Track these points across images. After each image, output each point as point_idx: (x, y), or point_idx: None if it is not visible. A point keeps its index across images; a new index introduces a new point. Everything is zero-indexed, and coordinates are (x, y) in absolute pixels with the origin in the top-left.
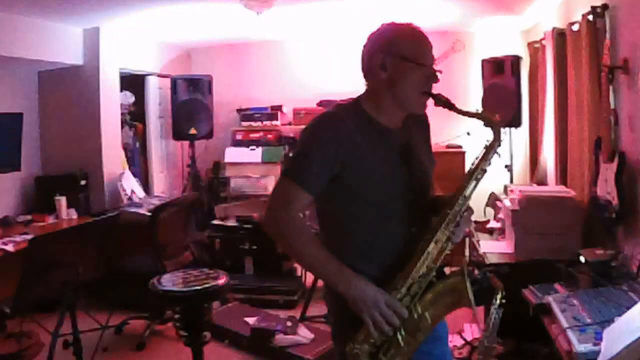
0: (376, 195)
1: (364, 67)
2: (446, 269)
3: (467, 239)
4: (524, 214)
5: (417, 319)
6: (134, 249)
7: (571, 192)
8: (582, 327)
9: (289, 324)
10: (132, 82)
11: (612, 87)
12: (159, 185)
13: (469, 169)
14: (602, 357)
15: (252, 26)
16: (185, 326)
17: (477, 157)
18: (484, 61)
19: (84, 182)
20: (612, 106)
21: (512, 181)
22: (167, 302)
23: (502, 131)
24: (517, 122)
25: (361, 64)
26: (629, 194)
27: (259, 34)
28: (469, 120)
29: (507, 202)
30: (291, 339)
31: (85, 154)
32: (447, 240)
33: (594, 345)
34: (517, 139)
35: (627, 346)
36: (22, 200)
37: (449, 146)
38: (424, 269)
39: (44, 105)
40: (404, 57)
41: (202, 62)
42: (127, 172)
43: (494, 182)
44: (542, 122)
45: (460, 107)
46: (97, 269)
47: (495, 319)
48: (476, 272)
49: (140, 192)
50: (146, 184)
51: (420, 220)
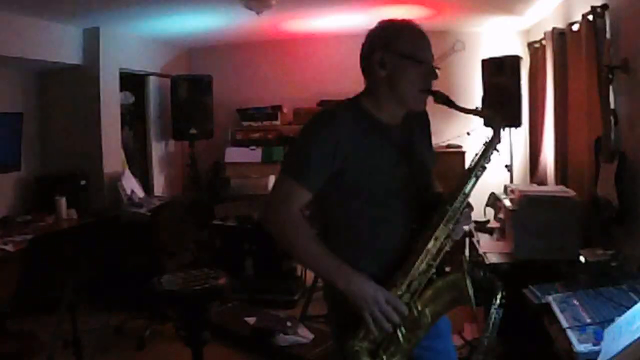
0: (376, 192)
1: (363, 64)
2: (446, 269)
3: (467, 239)
4: (524, 214)
5: (417, 315)
6: (134, 249)
7: (571, 192)
8: (582, 327)
9: (289, 324)
10: (132, 82)
11: (612, 87)
12: (159, 185)
13: (468, 166)
14: (602, 357)
15: (252, 26)
16: (185, 326)
17: (477, 154)
18: (484, 61)
19: (84, 182)
20: (612, 106)
21: (512, 181)
22: (167, 302)
23: (502, 128)
24: (517, 122)
25: (360, 61)
26: (629, 194)
27: (259, 34)
28: (468, 120)
29: (507, 202)
30: (291, 339)
31: (85, 154)
32: (447, 237)
33: (594, 345)
34: (517, 139)
35: (627, 346)
36: (22, 200)
37: (449, 146)
38: (423, 266)
39: (44, 105)
40: (402, 54)
41: (202, 62)
42: (127, 172)
43: (494, 182)
44: (542, 122)
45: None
46: (97, 269)
47: (495, 319)
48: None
49: (140, 192)
50: (146, 184)
51: (420, 217)
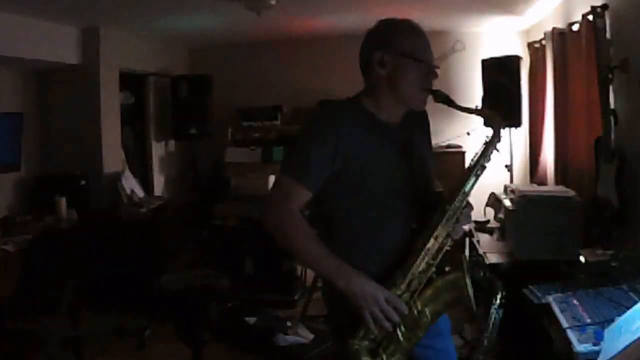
0: (376, 191)
1: (363, 64)
2: (446, 269)
3: (467, 239)
4: (524, 214)
5: (416, 315)
6: (134, 249)
7: (571, 192)
8: (582, 327)
9: (289, 324)
10: (132, 82)
11: (612, 87)
12: (159, 185)
13: (468, 165)
14: (602, 357)
15: (252, 26)
16: (185, 326)
17: (477, 153)
18: (484, 61)
19: (84, 182)
20: (612, 106)
21: (512, 181)
22: (167, 302)
23: (502, 128)
24: (517, 122)
25: (360, 61)
26: (629, 194)
27: (259, 33)
28: (469, 120)
29: (507, 202)
30: (291, 339)
31: (85, 154)
32: (447, 236)
33: (594, 345)
34: (517, 139)
35: (627, 346)
36: (22, 200)
37: (449, 146)
38: (423, 265)
39: (44, 105)
40: (402, 54)
41: (202, 62)
42: (127, 172)
43: (494, 182)
44: (542, 122)
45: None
46: (97, 269)
47: (495, 319)
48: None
49: (140, 192)
50: (146, 184)
51: (420, 216)
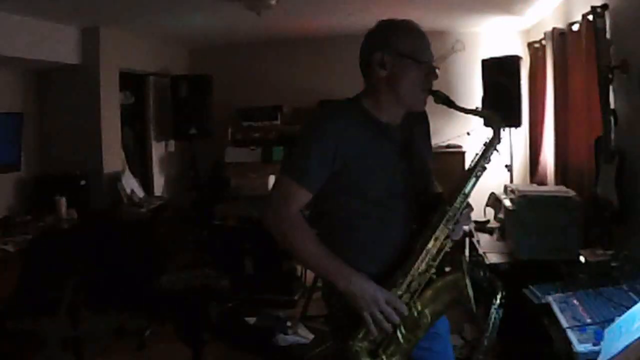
0: (376, 192)
1: (363, 64)
2: (446, 269)
3: (467, 239)
4: (524, 214)
5: (416, 316)
6: (134, 249)
7: (571, 192)
8: (582, 327)
9: (289, 324)
10: (132, 82)
11: (612, 87)
12: (159, 185)
13: (468, 166)
14: (602, 357)
15: (252, 26)
16: (185, 326)
17: (477, 154)
18: (484, 61)
19: (84, 182)
20: (612, 106)
21: (512, 181)
22: (167, 302)
23: (502, 128)
24: (517, 122)
25: (360, 61)
26: (629, 194)
27: (259, 33)
28: (468, 120)
29: (507, 202)
30: (291, 339)
31: (85, 154)
32: (447, 237)
33: (594, 345)
34: (517, 139)
35: (627, 346)
36: (22, 200)
37: (449, 146)
38: (423, 266)
39: (44, 105)
40: (402, 54)
41: (202, 62)
42: (127, 172)
43: (494, 182)
44: (542, 122)
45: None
46: (97, 269)
47: (495, 319)
48: (477, 269)
49: (140, 192)
50: (146, 184)
51: (420, 217)
